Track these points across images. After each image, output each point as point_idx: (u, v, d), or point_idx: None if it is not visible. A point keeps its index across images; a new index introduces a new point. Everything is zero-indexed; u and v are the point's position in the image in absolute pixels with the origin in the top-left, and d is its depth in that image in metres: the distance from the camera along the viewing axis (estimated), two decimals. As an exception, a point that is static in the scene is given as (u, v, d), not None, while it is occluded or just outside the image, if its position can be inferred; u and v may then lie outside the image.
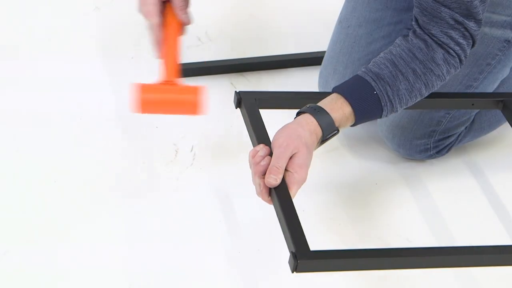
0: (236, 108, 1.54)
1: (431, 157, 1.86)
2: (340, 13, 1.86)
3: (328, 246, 1.64)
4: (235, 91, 1.53)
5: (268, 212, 1.36)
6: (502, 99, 1.66)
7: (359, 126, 1.92)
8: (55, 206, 1.69)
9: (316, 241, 1.36)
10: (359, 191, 1.80)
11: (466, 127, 1.85)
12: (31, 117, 1.88)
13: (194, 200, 1.73)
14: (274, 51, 2.10)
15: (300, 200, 1.74)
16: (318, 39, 2.12)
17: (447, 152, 1.86)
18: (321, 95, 1.45)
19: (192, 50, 2.10)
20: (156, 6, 1.45)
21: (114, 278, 1.57)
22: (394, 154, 1.87)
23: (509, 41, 1.68)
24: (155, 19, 1.45)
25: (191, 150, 1.84)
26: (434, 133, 1.81)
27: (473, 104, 1.67)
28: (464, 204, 1.79)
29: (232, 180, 1.77)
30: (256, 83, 2.02)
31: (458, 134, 1.85)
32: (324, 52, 1.91)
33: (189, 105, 1.42)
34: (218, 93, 1.96)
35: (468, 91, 1.75)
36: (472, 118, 1.84)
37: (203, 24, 2.17)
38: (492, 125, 1.89)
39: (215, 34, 2.16)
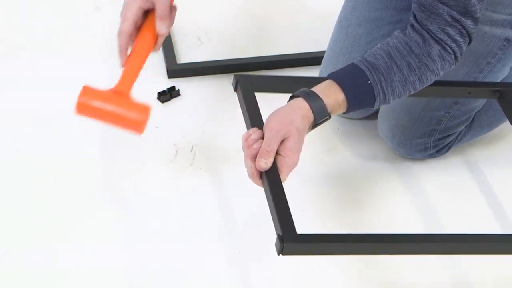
0: (234, 91, 1.54)
1: (431, 156, 1.86)
2: (340, 13, 1.86)
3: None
4: (234, 74, 1.53)
5: (268, 211, 1.36)
6: (498, 88, 1.66)
7: (359, 125, 1.93)
8: (55, 206, 1.69)
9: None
10: (359, 191, 1.80)
11: (466, 126, 1.85)
12: (31, 117, 1.88)
13: (194, 200, 1.73)
14: (274, 51, 2.10)
15: (299, 199, 1.75)
16: (318, 39, 2.12)
17: (447, 151, 1.86)
18: (317, 80, 1.46)
19: (192, 50, 2.10)
20: (133, 14, 1.41)
21: (114, 278, 1.57)
22: (394, 154, 1.87)
23: (509, 40, 1.68)
24: (126, 25, 1.41)
25: (191, 150, 1.84)
26: (434, 132, 1.81)
27: (469, 93, 1.67)
28: (464, 203, 1.79)
29: (232, 180, 1.77)
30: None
31: (458, 133, 1.85)
32: (324, 52, 1.91)
33: (132, 122, 1.35)
34: (218, 93, 1.96)
35: (468, 90, 1.75)
36: (472, 117, 1.84)
37: (203, 24, 2.17)
38: (492, 124, 1.89)
39: (215, 34, 2.16)
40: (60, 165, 1.77)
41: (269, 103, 1.50)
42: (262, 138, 1.36)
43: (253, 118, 1.44)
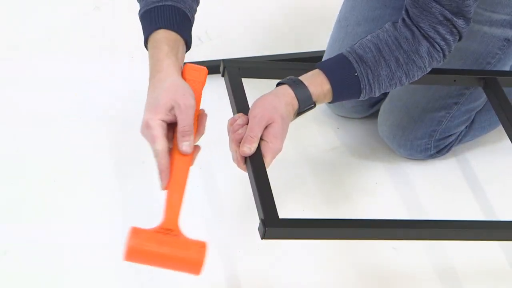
0: (222, 76, 1.55)
1: (431, 157, 1.86)
2: (339, 12, 1.86)
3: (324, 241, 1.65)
4: (222, 60, 1.54)
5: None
6: (484, 76, 1.66)
7: (359, 125, 1.93)
8: (55, 206, 1.69)
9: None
10: (359, 191, 1.80)
11: (466, 127, 1.85)
12: (31, 117, 1.88)
13: (194, 200, 1.73)
14: (274, 51, 2.10)
15: (299, 199, 1.75)
16: (318, 39, 2.12)
17: (447, 151, 1.86)
18: (305, 66, 1.46)
19: (192, 50, 2.09)
20: (161, 129, 1.25)
21: (114, 277, 1.57)
22: (394, 154, 1.87)
23: (509, 39, 1.68)
24: (160, 144, 1.24)
25: (191, 150, 1.84)
26: (435, 132, 1.81)
27: (455, 80, 1.67)
28: (464, 204, 1.79)
29: (231, 179, 1.77)
30: (256, 82, 2.02)
31: (458, 133, 1.84)
32: (323, 51, 1.91)
33: (190, 264, 1.20)
34: (218, 92, 1.96)
35: (468, 90, 1.75)
36: (472, 117, 1.84)
37: (203, 23, 2.16)
38: (492, 125, 1.89)
39: (215, 33, 2.16)
40: (60, 165, 1.77)
41: (258, 87, 1.50)
42: (247, 123, 1.37)
43: (239, 103, 1.46)
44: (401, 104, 1.80)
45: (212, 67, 2.02)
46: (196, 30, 1.53)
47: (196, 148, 1.30)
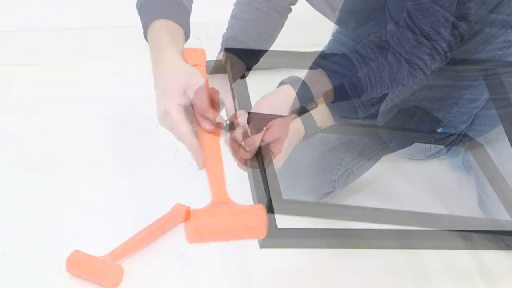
0: (224, 64, 1.55)
1: (431, 156, 1.86)
2: (340, 12, 1.86)
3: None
4: (224, 49, 1.54)
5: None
6: (484, 67, 1.66)
7: (359, 126, 1.93)
8: (55, 206, 1.69)
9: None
10: (359, 191, 1.80)
11: (466, 127, 1.85)
12: (31, 117, 1.88)
13: (194, 200, 1.73)
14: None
15: (300, 200, 1.75)
16: (318, 39, 2.12)
17: (447, 151, 1.86)
18: (309, 55, 1.46)
19: (192, 50, 2.10)
20: (181, 114, 1.27)
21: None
22: (394, 154, 1.87)
23: (509, 40, 1.68)
24: (184, 127, 1.26)
25: (191, 150, 1.84)
26: (435, 133, 1.81)
27: (456, 71, 1.67)
28: (464, 204, 1.79)
29: (231, 179, 1.76)
30: (256, 83, 2.02)
31: (458, 133, 1.85)
32: (323, 51, 1.91)
33: (254, 229, 1.20)
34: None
35: (468, 91, 1.75)
36: (473, 117, 1.84)
37: (203, 23, 2.17)
38: (492, 125, 1.88)
39: (215, 33, 2.15)
40: (60, 165, 1.78)
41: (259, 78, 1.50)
42: (248, 122, 1.37)
43: (241, 97, 1.45)
44: (401, 104, 1.80)
45: (212, 66, 2.03)
46: (196, 30, 1.54)
47: (219, 124, 1.32)
